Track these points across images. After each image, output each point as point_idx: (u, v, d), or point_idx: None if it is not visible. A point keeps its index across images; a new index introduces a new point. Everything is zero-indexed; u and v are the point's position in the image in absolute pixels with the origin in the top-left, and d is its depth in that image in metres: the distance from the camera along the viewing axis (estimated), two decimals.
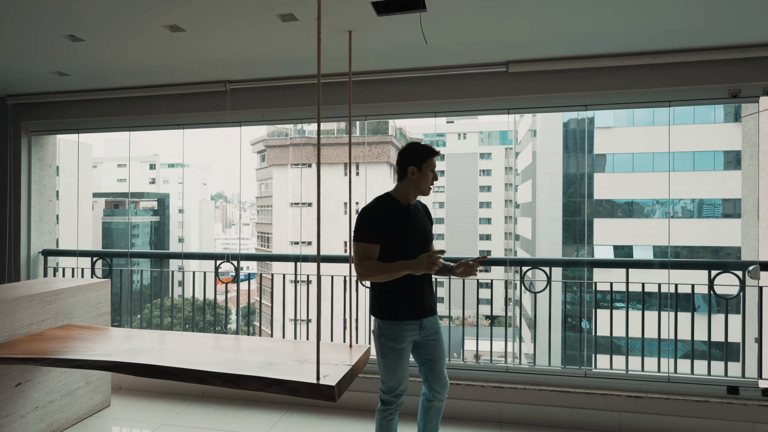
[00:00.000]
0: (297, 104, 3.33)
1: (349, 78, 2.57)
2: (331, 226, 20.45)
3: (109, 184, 41.56)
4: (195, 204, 44.42)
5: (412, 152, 2.15)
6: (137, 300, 4.03)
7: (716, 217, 19.17)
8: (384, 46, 2.74)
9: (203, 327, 3.94)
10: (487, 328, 16.04)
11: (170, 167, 46.14)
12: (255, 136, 45.54)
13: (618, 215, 20.85)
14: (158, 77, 3.33)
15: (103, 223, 36.10)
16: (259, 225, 27.28)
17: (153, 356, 2.26)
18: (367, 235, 2.08)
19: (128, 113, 3.63)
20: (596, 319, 3.18)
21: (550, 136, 22.72)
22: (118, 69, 3.16)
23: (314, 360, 2.10)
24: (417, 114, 3.32)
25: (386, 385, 2.17)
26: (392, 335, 2.12)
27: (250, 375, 1.99)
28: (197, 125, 3.57)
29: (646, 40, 2.70)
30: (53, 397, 2.85)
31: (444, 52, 2.87)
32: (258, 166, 26.94)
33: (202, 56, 2.90)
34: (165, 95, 3.53)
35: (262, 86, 3.35)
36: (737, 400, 2.87)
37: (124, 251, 3.71)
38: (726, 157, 19.42)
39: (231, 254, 3.42)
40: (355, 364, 2.19)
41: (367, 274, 2.08)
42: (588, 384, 3.05)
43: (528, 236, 25.63)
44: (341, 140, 21.80)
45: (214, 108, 3.44)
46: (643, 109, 18.91)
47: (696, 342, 3.08)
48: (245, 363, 2.16)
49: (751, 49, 2.78)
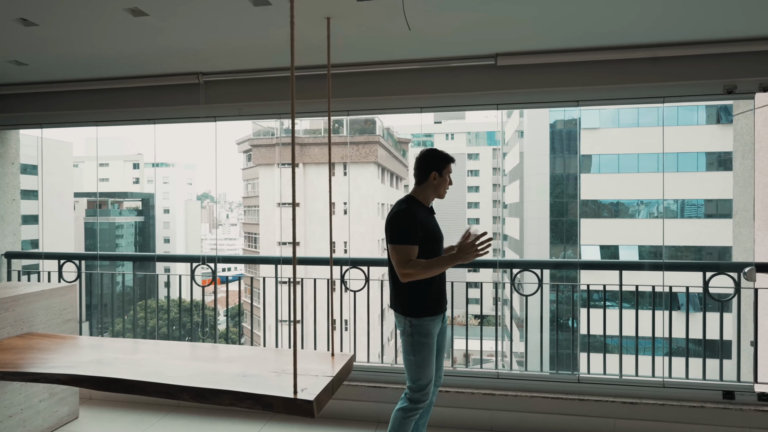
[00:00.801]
0: (276, 98, 3.16)
1: (327, 68, 2.42)
2: (318, 226, 20.25)
3: (91, 183, 40.78)
4: (180, 204, 43.81)
5: (434, 159, 2.30)
6: (120, 303, 3.82)
7: (699, 218, 19.44)
8: (366, 35, 2.59)
9: (191, 329, 3.76)
10: (475, 327, 16.00)
11: (155, 167, 45.50)
12: (237, 133, 44.90)
13: (604, 215, 21.04)
14: (126, 68, 3.12)
15: (85, 224, 35.42)
16: (246, 225, 26.97)
17: (119, 368, 2.09)
18: (409, 237, 2.16)
19: (95, 107, 3.42)
20: (589, 321, 3.08)
21: (537, 137, 22.82)
22: (82, 58, 2.95)
23: (293, 371, 1.95)
24: (402, 109, 3.18)
25: (417, 384, 2.22)
26: (426, 331, 2.21)
27: (221, 389, 1.83)
28: (169, 120, 3.38)
29: (638, 32, 2.59)
30: (12, 411, 2.65)
31: (430, 44, 2.74)
32: (244, 166, 26.63)
33: (171, 45, 2.71)
34: (134, 88, 3.32)
35: (238, 79, 3.17)
36: (733, 405, 2.78)
37: (94, 254, 3.51)
38: (708, 159, 19.70)
39: (207, 256, 3.25)
40: (337, 374, 2.04)
41: (418, 273, 2.15)
42: (581, 390, 2.94)
43: (516, 236, 25.70)
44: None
45: (187, 102, 3.25)
46: (631, 108, 19.06)
47: (688, 342, 2.99)
48: (219, 375, 2.00)
49: (747, 43, 2.69)
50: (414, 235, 2.16)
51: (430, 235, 2.25)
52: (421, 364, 2.21)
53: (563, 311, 11.02)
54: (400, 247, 2.15)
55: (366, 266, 3.27)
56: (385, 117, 26.34)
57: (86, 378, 1.98)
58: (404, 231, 2.16)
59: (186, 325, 4.02)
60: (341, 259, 3.26)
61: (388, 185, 24.05)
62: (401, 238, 2.16)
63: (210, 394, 1.84)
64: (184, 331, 4.11)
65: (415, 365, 2.22)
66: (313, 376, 1.99)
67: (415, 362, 2.21)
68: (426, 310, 2.22)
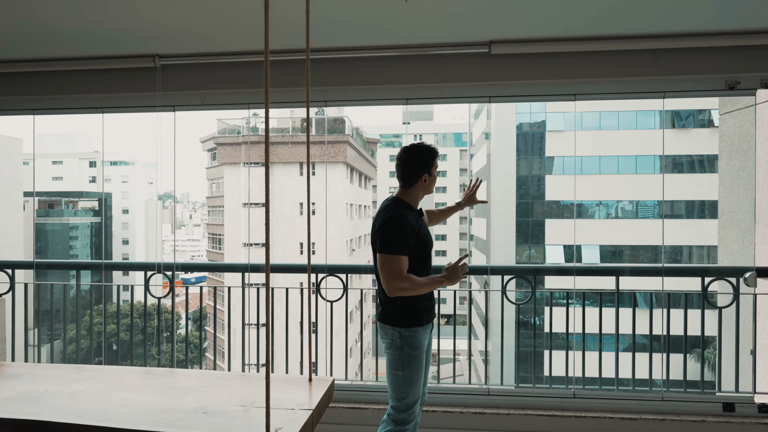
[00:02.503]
0: (244, 86, 2.81)
1: (306, 51, 2.10)
2: (285, 227, 19.72)
3: (42, 182, 38.54)
4: (141, 204, 42.01)
5: (422, 158, 2.11)
6: (74, 308, 3.40)
7: (654, 218, 20.16)
8: (348, 14, 2.29)
9: (151, 333, 3.38)
10: (444, 327, 15.90)
11: (113, 165, 43.50)
12: (202, 130, 43.74)
13: (565, 216, 21.53)
14: (67, 48, 2.70)
15: (36, 225, 33.45)
16: (210, 226, 26.07)
17: (47, 406, 1.71)
18: (402, 247, 2.00)
19: (29, 92, 2.95)
20: (584, 328, 2.88)
21: (504, 139, 23.09)
22: (13, 34, 2.52)
23: (263, 404, 1.63)
24: (385, 100, 2.90)
25: (404, 403, 2.07)
26: (416, 343, 2.07)
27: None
28: (121, 109, 2.97)
29: (639, 22, 2.40)
30: None
31: (418, 29, 2.47)
32: (208, 165, 25.80)
33: (123, 20, 2.33)
34: (79, 71, 2.88)
35: (200, 63, 2.79)
36: (734, 419, 2.64)
37: (30, 261, 3.06)
38: (661, 161, 20.44)
39: (164, 264, 2.86)
40: (317, 406, 1.73)
41: (409, 290, 2.01)
42: (577, 406, 2.73)
43: (483, 236, 25.88)
44: (296, 138, 21.20)
45: (142, 88, 2.84)
46: (593, 113, 19.37)
47: (686, 352, 2.83)
48: (173, 413, 1.65)
49: (749, 36, 2.54)
50: (407, 244, 2.01)
51: (423, 241, 2.10)
52: (410, 379, 2.06)
53: (542, 315, 11.01)
54: (390, 258, 1.99)
55: (344, 273, 2.97)
56: (354, 116, 26.04)
57: (1, 421, 1.59)
58: (396, 240, 2.00)
59: (145, 330, 3.63)
60: (317, 266, 2.95)
61: (357, 185, 23.75)
62: (391, 248, 1.99)
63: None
64: (146, 335, 3.73)
65: (402, 381, 2.06)
66: (288, 409, 1.68)
67: (403, 378, 2.06)
68: (417, 320, 2.08)
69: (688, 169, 20.33)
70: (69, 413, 1.62)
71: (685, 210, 19.91)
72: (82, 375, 2.12)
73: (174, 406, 1.72)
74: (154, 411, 1.66)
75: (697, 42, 2.57)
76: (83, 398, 1.78)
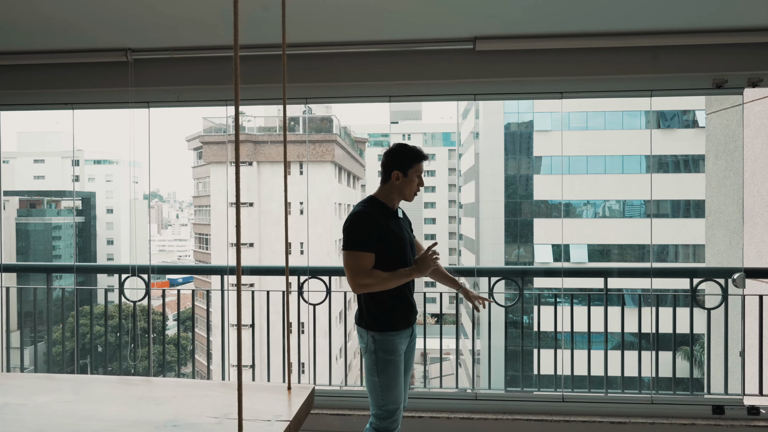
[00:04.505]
0: (221, 82, 2.69)
1: (282, 45, 2.01)
2: (273, 227, 19.53)
3: (23, 181, 37.75)
4: (125, 203, 41.39)
5: (398, 156, 2.03)
6: (58, 309, 3.29)
7: (641, 217, 20.38)
8: (329, 7, 2.21)
9: (139, 333, 3.27)
10: (433, 327, 15.85)
11: (97, 164, 42.81)
12: (187, 128, 43.27)
13: (554, 215, 21.68)
14: (34, 40, 2.58)
15: (17, 225, 32.75)
16: (197, 226, 25.77)
17: (6, 422, 1.60)
18: (364, 244, 1.93)
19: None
20: (572, 328, 2.83)
21: (492, 139, 23.16)
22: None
23: (237, 415, 1.54)
24: (368, 98, 2.81)
25: (384, 410, 1.98)
26: (391, 348, 1.98)
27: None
28: (92, 105, 2.84)
29: (626, 18, 2.35)
30: None
31: (401, 24, 2.39)
32: (195, 164, 25.48)
33: (93, 11, 2.22)
34: (46, 65, 2.75)
35: (175, 57, 2.68)
36: (724, 421, 2.61)
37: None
38: (647, 161, 20.67)
39: (139, 266, 2.75)
40: (295, 416, 1.65)
41: (373, 286, 1.94)
42: (566, 410, 2.68)
43: (471, 236, 25.94)
44: (283, 138, 20.99)
45: (114, 84, 2.72)
46: (580, 113, 19.54)
47: (675, 354, 2.80)
48: (139, 426, 1.56)
49: (737, 34, 2.50)
50: (369, 241, 1.93)
51: (393, 240, 2.00)
52: (387, 386, 1.98)
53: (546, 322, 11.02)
54: (353, 254, 1.93)
55: (327, 276, 2.88)
56: (342, 115, 25.92)
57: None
58: (358, 236, 1.93)
59: (121, 334, 3.51)
60: (299, 268, 2.86)
61: (345, 185, 23.63)
62: (352, 245, 1.94)
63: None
64: (123, 339, 3.61)
65: (380, 388, 1.98)
66: (264, 421, 1.59)
67: (380, 384, 1.98)
68: (392, 324, 2.00)
69: (673, 168, 20.59)
70: (25, 429, 1.51)
71: (671, 209, 20.16)
72: (52, 385, 2.01)
73: (143, 418, 1.62)
74: (121, 425, 1.57)
75: (685, 39, 2.53)
76: (46, 411, 1.68)
